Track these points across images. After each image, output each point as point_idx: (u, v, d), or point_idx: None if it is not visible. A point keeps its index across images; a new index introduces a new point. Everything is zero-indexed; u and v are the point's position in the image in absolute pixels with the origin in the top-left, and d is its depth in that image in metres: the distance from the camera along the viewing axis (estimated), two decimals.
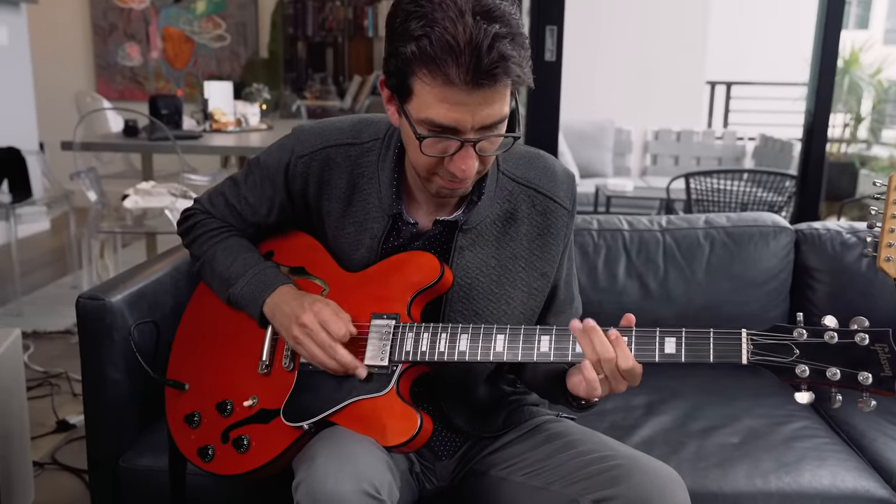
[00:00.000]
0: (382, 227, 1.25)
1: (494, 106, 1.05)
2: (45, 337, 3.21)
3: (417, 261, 1.21)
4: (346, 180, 1.26)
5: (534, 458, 1.24)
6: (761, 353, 1.01)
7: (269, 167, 1.30)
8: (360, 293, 1.24)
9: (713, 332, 1.05)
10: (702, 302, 1.87)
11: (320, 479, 1.04)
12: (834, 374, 0.97)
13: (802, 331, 1.00)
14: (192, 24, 6.10)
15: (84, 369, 1.42)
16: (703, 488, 1.41)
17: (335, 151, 1.26)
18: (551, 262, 1.28)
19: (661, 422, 1.62)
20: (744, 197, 4.02)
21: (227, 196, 1.36)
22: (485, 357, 1.14)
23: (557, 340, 1.11)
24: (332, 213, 1.28)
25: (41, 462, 2.20)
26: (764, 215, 1.96)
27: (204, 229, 1.36)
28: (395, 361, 1.17)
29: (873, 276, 1.83)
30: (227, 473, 1.24)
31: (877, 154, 6.89)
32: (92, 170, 3.57)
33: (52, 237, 4.90)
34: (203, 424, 1.28)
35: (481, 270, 1.24)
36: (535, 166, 1.29)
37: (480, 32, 0.99)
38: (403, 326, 1.18)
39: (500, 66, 1.01)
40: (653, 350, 1.06)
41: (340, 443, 1.11)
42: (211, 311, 1.36)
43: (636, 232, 1.92)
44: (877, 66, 6.94)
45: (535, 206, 1.27)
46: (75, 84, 5.82)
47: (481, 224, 1.24)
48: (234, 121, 4.35)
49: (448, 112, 1.04)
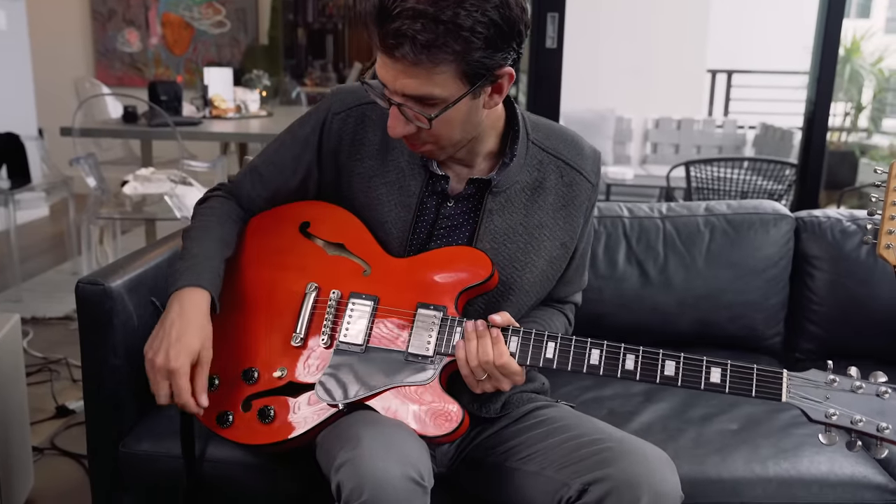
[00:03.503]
0: (419, 183, 1.27)
1: (413, 80, 1.09)
2: (45, 323, 3.21)
3: (469, 257, 1.24)
4: (379, 137, 1.29)
5: (528, 443, 1.25)
6: (798, 393, 1.08)
7: (303, 128, 1.34)
8: (405, 279, 1.25)
9: (756, 369, 1.10)
10: (701, 289, 1.87)
11: (368, 460, 1.04)
12: (858, 421, 1.05)
13: (835, 378, 1.08)
14: (191, 10, 6.07)
15: (84, 354, 1.42)
16: (701, 474, 1.42)
17: (370, 109, 1.29)
18: (572, 234, 1.32)
19: (660, 408, 1.62)
20: (744, 185, 4.01)
21: (254, 164, 1.38)
22: (534, 362, 1.16)
23: (608, 355, 1.14)
24: (364, 174, 1.29)
25: (40, 447, 2.20)
26: (764, 203, 1.95)
27: (206, 208, 1.36)
28: (441, 353, 1.18)
29: (873, 264, 1.83)
30: (249, 442, 1.23)
31: (877, 143, 6.87)
32: (91, 156, 3.56)
33: (51, 223, 4.89)
34: (222, 389, 1.26)
35: (508, 236, 1.27)
36: (564, 139, 1.33)
37: (393, 3, 1.04)
38: (451, 320, 1.20)
39: (398, 41, 1.05)
40: (699, 380, 1.11)
41: (385, 427, 1.12)
42: (240, 275, 1.34)
43: (636, 219, 1.92)
44: (878, 55, 6.91)
45: (563, 176, 1.30)
46: (74, 70, 5.79)
47: (511, 189, 1.27)
48: (233, 107, 4.33)
49: (378, 68, 1.12)
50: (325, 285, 1.28)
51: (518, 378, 1.18)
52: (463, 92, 1.11)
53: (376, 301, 1.25)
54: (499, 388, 1.18)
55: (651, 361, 1.13)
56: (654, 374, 1.12)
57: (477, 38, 1.06)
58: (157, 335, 1.20)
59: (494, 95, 1.17)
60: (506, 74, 1.13)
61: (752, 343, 1.91)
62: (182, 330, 1.18)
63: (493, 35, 1.07)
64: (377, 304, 1.25)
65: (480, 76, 1.10)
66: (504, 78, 1.14)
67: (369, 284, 1.27)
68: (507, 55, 1.11)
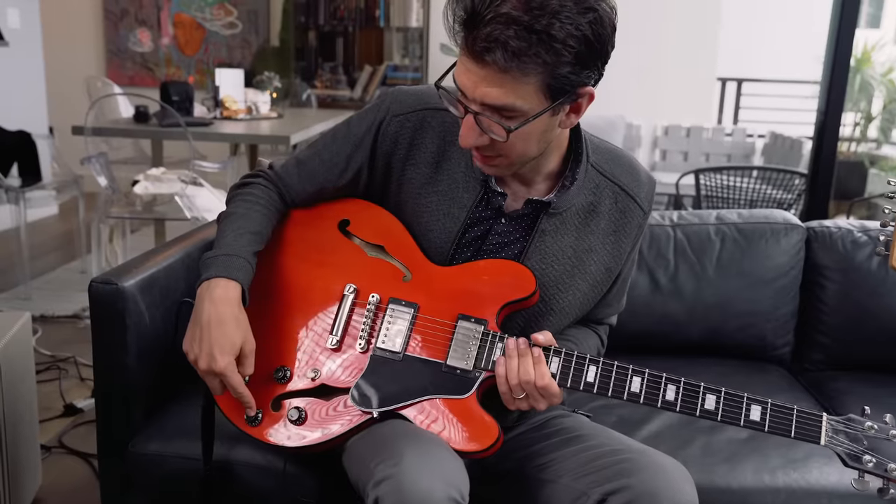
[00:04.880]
0: (473, 196, 1.24)
1: (497, 89, 1.05)
2: (53, 321, 3.22)
3: (512, 271, 1.22)
4: (436, 145, 1.26)
5: (544, 451, 1.25)
6: (836, 438, 1.09)
7: (358, 126, 1.29)
8: (446, 288, 1.23)
9: (797, 411, 1.10)
10: (711, 298, 1.87)
11: (412, 480, 1.02)
12: (893, 470, 1.06)
13: (873, 425, 1.09)
14: (203, 11, 6.09)
15: (95, 354, 1.43)
16: (710, 483, 1.41)
17: (431, 115, 1.26)
18: (618, 260, 1.30)
19: (670, 416, 1.61)
20: (753, 194, 4.01)
21: (299, 156, 1.34)
22: (574, 385, 1.15)
23: (650, 383, 1.13)
24: (416, 180, 1.27)
25: (48, 446, 2.21)
26: (775, 212, 1.95)
27: (247, 192, 1.31)
28: (480, 368, 1.17)
29: (884, 275, 1.83)
30: (276, 443, 1.21)
31: (887, 154, 6.84)
32: (102, 155, 3.58)
33: (60, 222, 4.91)
34: (252, 386, 1.22)
35: (556, 258, 1.25)
36: (622, 164, 1.30)
37: (486, 8, 1.01)
38: (493, 335, 1.18)
39: (489, 45, 1.02)
40: (739, 416, 1.11)
41: (426, 444, 1.10)
42: (275, 268, 1.31)
43: (647, 227, 1.91)
44: (888, 66, 6.89)
45: (618, 202, 1.28)
46: (86, 69, 5.81)
47: (567, 211, 1.25)
48: (244, 108, 4.34)
49: (459, 74, 1.09)
50: (363, 288, 1.26)
51: (556, 399, 1.16)
52: (545, 107, 1.07)
53: (416, 308, 1.23)
54: (535, 407, 1.16)
55: (692, 394, 1.12)
56: (695, 407, 1.12)
57: (568, 52, 1.03)
58: (195, 335, 1.17)
59: (572, 115, 1.14)
60: (587, 94, 1.11)
61: (762, 353, 1.90)
62: (220, 326, 1.15)
63: (584, 51, 1.04)
64: (417, 311, 1.22)
65: (564, 92, 1.07)
66: (584, 98, 1.11)
67: (409, 291, 1.24)
68: (592, 74, 1.08)
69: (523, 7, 1.01)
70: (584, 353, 1.17)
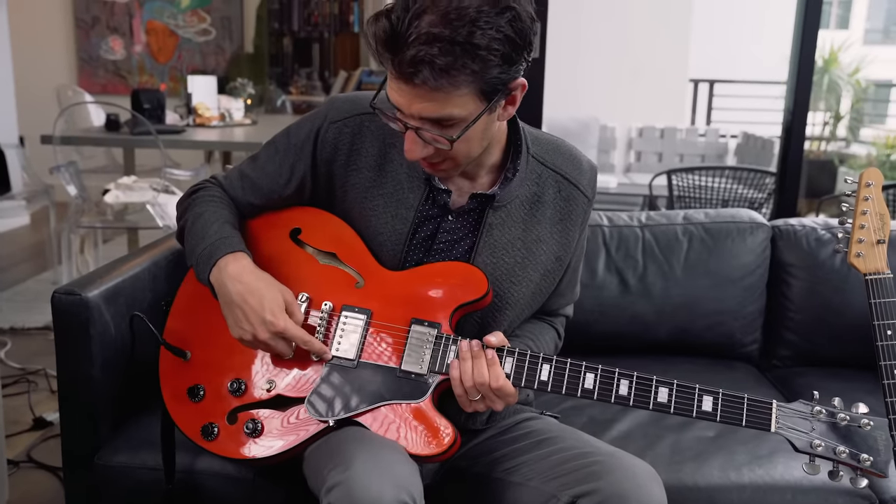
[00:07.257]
0: (418, 196, 1.25)
1: (432, 104, 1.07)
2: (24, 333, 3.17)
3: (465, 273, 1.22)
4: (377, 148, 1.27)
5: (514, 454, 1.25)
6: (786, 424, 1.10)
7: (297, 136, 1.30)
8: (399, 293, 1.23)
9: (747, 399, 1.12)
10: (680, 297, 1.89)
11: (361, 484, 1.02)
12: (842, 452, 1.08)
13: (821, 409, 1.10)
14: (176, 18, 6.05)
15: (59, 366, 1.41)
16: (678, 482, 1.43)
17: (369, 119, 1.27)
18: (567, 248, 1.32)
19: (639, 416, 1.62)
20: (725, 194, 4.05)
21: (242, 169, 1.35)
22: (528, 384, 1.16)
23: (603, 380, 1.14)
24: (360, 185, 1.27)
25: (16, 460, 2.18)
26: (741, 212, 1.97)
27: (205, 193, 1.32)
28: (435, 371, 1.18)
29: (847, 272, 1.86)
30: (234, 457, 1.21)
31: (855, 152, 6.96)
32: (72, 164, 3.54)
33: (31, 232, 4.85)
34: (207, 400, 1.23)
35: (506, 250, 1.26)
36: (562, 153, 1.32)
37: (407, 29, 1.02)
38: (446, 338, 1.19)
39: (416, 68, 1.03)
40: (692, 407, 1.13)
41: (377, 448, 1.10)
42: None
43: (616, 227, 1.93)
44: (855, 66, 7.00)
45: (561, 191, 1.30)
46: (56, 77, 5.75)
47: (512, 203, 1.26)
48: (217, 115, 4.32)
49: (392, 93, 1.10)
50: (316, 296, 1.26)
51: (512, 399, 1.17)
52: (481, 109, 1.10)
53: (369, 315, 1.23)
54: (492, 408, 1.17)
55: (645, 388, 1.13)
56: (648, 400, 1.13)
57: (494, 56, 1.04)
58: (237, 317, 1.18)
59: (508, 107, 1.16)
60: (519, 86, 1.13)
61: (730, 350, 1.92)
62: (254, 294, 1.17)
63: (508, 50, 1.05)
64: (370, 317, 1.23)
65: (497, 91, 1.09)
66: (518, 90, 1.13)
67: (362, 297, 1.24)
68: (520, 66, 1.10)
69: (442, 21, 1.02)
70: (538, 351, 1.19)
